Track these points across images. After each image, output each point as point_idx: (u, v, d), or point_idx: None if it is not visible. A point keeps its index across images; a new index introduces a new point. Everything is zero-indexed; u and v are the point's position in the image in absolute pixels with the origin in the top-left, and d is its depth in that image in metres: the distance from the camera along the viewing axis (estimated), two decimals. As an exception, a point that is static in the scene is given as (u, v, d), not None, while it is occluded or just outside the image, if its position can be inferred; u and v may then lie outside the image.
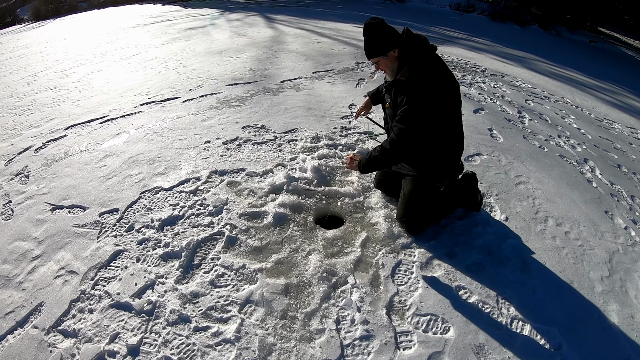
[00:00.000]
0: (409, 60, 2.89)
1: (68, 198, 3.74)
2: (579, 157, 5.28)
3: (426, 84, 2.83)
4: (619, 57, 18.41)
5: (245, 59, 8.24)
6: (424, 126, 2.89)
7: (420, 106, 2.83)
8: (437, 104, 2.86)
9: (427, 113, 2.85)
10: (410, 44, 2.88)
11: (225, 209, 3.48)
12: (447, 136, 3.09)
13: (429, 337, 2.51)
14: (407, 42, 2.88)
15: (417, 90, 2.83)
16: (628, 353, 2.58)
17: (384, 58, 2.94)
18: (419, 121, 2.86)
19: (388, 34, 2.86)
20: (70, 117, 5.67)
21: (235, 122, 5.07)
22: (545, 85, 9.10)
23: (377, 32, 2.87)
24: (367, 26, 2.89)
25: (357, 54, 8.72)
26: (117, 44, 10.58)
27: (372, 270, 2.96)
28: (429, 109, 2.84)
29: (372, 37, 2.89)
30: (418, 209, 3.21)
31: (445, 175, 3.29)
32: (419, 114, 2.84)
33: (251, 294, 2.70)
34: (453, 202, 3.46)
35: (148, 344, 2.41)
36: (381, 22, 2.87)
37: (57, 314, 2.62)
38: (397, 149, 2.98)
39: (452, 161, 3.25)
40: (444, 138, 3.08)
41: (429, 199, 3.26)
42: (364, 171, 3.28)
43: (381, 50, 2.89)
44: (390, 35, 2.87)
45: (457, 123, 3.13)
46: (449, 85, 2.97)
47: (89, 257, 3.04)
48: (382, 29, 2.86)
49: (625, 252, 3.54)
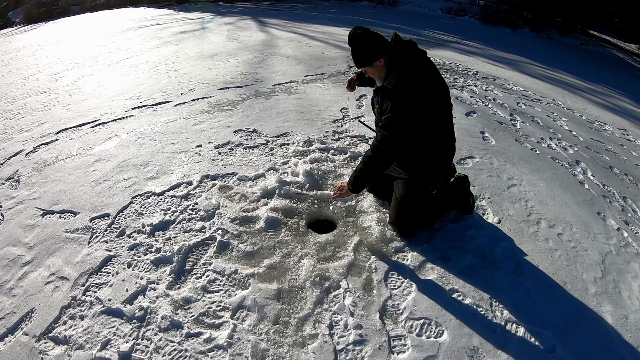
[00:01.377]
0: (397, 67, 2.87)
1: (59, 203, 3.71)
2: (570, 159, 5.30)
3: (411, 90, 2.81)
4: (610, 59, 18.54)
5: (237, 62, 8.24)
6: (408, 132, 2.87)
7: (403, 113, 2.81)
8: (422, 109, 2.85)
9: (411, 119, 2.84)
10: (398, 51, 2.87)
11: (217, 214, 3.46)
12: (437, 139, 3.09)
13: (423, 341, 2.50)
14: (394, 50, 2.87)
15: (402, 97, 2.81)
16: (622, 354, 2.58)
17: (371, 68, 2.95)
18: (402, 128, 2.85)
19: (374, 43, 2.85)
20: (61, 121, 5.64)
21: (227, 126, 5.05)
22: (536, 87, 9.15)
23: (362, 42, 2.86)
24: (352, 37, 2.88)
25: (348, 58, 8.71)
26: (108, 47, 10.55)
27: (365, 274, 2.94)
28: (413, 115, 2.83)
29: (358, 47, 2.88)
30: (410, 212, 3.20)
31: (437, 178, 3.29)
32: (403, 120, 2.83)
33: (243, 300, 2.69)
34: (445, 205, 3.46)
35: (140, 351, 2.39)
36: (366, 32, 2.85)
37: (47, 321, 2.59)
38: (379, 155, 2.95)
39: (444, 164, 3.25)
40: (434, 141, 3.08)
41: (421, 203, 3.25)
42: (356, 189, 3.16)
43: (368, 60, 2.89)
44: (376, 44, 2.85)
45: (447, 126, 3.12)
46: (438, 89, 2.97)
47: (79, 262, 3.01)
48: (368, 38, 2.85)
49: (618, 253, 3.55)
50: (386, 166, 3.04)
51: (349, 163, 4.29)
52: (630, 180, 5.23)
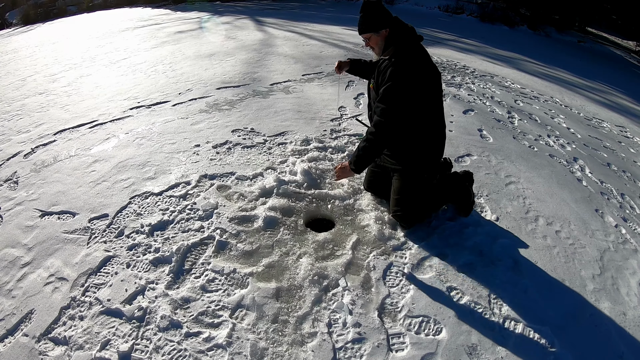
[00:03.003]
0: (396, 42, 3.00)
1: (57, 204, 3.71)
2: (568, 156, 5.31)
3: (409, 64, 2.91)
4: (608, 56, 18.55)
5: (235, 62, 8.23)
6: (405, 105, 2.94)
7: (402, 83, 2.89)
8: (418, 85, 2.93)
9: (408, 92, 2.91)
10: (400, 27, 3.01)
11: (216, 213, 3.46)
12: (429, 124, 3.14)
13: (422, 339, 2.51)
14: (397, 24, 3.02)
15: (400, 68, 2.90)
16: (621, 350, 2.59)
17: (375, 35, 3.05)
18: (400, 99, 2.92)
19: (382, 13, 3.00)
20: (59, 122, 5.64)
21: (225, 126, 5.05)
22: (534, 85, 9.15)
23: (373, 9, 3.00)
24: (365, 3, 3.03)
25: (346, 56, 8.70)
26: (106, 48, 10.53)
27: (364, 272, 2.95)
28: (410, 87, 2.90)
29: (368, 13, 3.01)
30: (409, 201, 3.24)
31: (431, 167, 3.31)
32: (401, 91, 2.90)
33: (242, 299, 2.69)
34: (445, 196, 3.47)
35: (139, 351, 2.39)
36: (379, 2, 3.02)
37: (47, 322, 2.59)
38: (382, 129, 3.01)
39: (436, 151, 3.27)
40: (426, 126, 3.13)
41: (419, 192, 3.27)
42: (357, 168, 3.22)
43: (374, 27, 3.01)
44: (384, 14, 3.00)
45: (438, 112, 3.17)
46: (431, 71, 3.05)
47: (79, 263, 3.01)
48: (378, 7, 3.00)
49: (616, 249, 3.56)
50: (388, 140, 3.08)
51: (347, 162, 4.29)
52: (628, 177, 5.24)
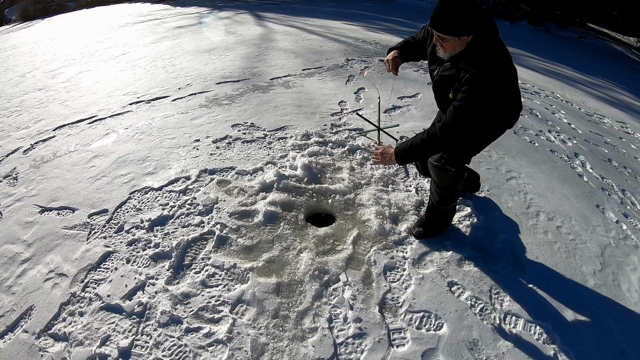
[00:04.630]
0: (479, 51, 2.48)
1: (57, 200, 3.70)
2: (569, 151, 5.29)
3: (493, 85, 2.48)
4: (608, 52, 18.52)
5: (235, 57, 8.20)
6: (478, 122, 2.58)
7: (478, 106, 2.50)
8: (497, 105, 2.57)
9: (482, 115, 2.54)
10: (486, 34, 2.50)
11: (216, 208, 3.45)
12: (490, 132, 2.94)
13: (423, 334, 2.50)
14: (483, 30, 2.47)
15: (483, 89, 2.47)
16: (622, 346, 2.59)
17: (456, 39, 2.46)
18: (476, 117, 2.54)
19: (472, 14, 2.34)
20: (58, 118, 5.62)
21: (225, 121, 5.03)
22: (535, 80, 9.12)
23: (461, 9, 2.32)
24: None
25: (346, 51, 8.69)
26: (105, 43, 10.48)
27: (364, 267, 2.95)
28: (486, 111, 2.53)
29: (453, 12, 2.34)
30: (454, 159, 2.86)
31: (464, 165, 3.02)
32: (474, 114, 2.52)
33: (242, 294, 2.69)
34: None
35: (139, 346, 2.39)
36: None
37: (47, 318, 2.60)
38: (446, 136, 2.60)
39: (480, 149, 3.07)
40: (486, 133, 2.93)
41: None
42: (402, 161, 2.83)
43: (459, 31, 2.40)
44: (473, 16, 2.35)
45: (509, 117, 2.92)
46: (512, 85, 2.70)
47: (78, 259, 3.01)
48: (469, 6, 2.32)
49: (617, 245, 3.55)
50: (447, 148, 2.76)
51: (347, 156, 4.27)
52: (629, 172, 5.22)
